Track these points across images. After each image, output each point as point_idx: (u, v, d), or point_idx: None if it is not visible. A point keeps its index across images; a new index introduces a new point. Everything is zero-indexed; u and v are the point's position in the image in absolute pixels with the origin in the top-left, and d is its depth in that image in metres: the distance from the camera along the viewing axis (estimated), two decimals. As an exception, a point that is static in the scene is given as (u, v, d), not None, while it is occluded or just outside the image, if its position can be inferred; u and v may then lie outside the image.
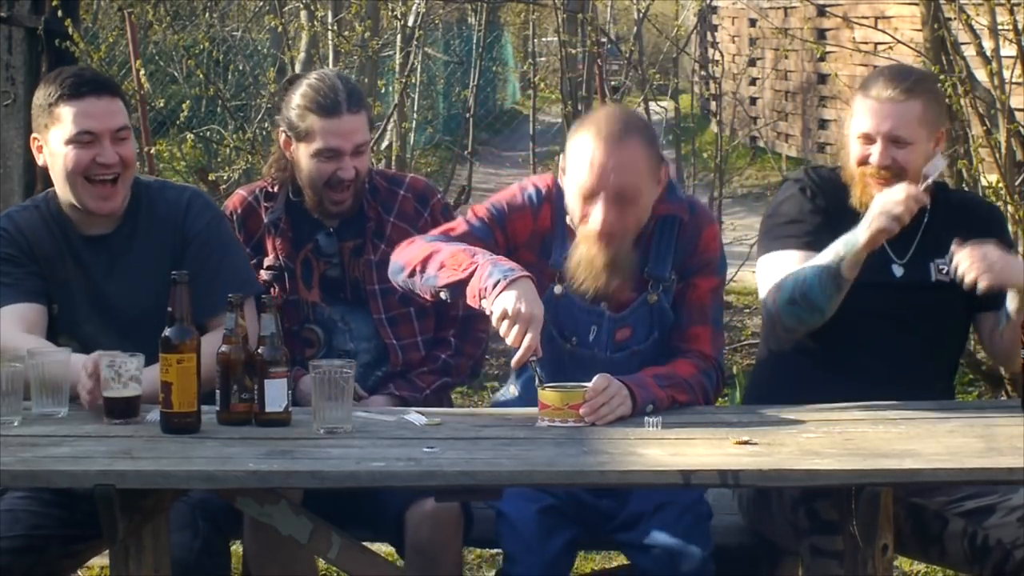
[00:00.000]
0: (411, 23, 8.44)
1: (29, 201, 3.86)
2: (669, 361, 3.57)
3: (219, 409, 3.28)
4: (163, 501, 3.16)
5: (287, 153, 3.91)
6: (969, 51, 6.19)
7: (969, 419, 3.41)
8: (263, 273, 3.90)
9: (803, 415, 3.40)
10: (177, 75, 11.38)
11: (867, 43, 9.03)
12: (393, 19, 8.75)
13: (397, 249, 3.62)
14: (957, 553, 3.42)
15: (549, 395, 3.33)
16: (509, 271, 3.34)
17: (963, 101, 5.88)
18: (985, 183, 5.82)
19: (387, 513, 3.55)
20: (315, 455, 3.07)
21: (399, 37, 8.68)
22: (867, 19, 10.80)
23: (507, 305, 3.29)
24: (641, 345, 3.62)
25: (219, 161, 9.79)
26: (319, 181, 3.84)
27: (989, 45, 5.99)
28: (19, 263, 3.67)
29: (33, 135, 3.71)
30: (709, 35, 11.46)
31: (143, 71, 7.11)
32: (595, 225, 3.48)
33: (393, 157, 8.10)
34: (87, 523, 3.33)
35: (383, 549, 4.09)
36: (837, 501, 3.15)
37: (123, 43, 8.43)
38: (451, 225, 3.65)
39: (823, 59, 10.76)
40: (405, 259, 3.55)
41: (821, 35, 12.10)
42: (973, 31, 5.93)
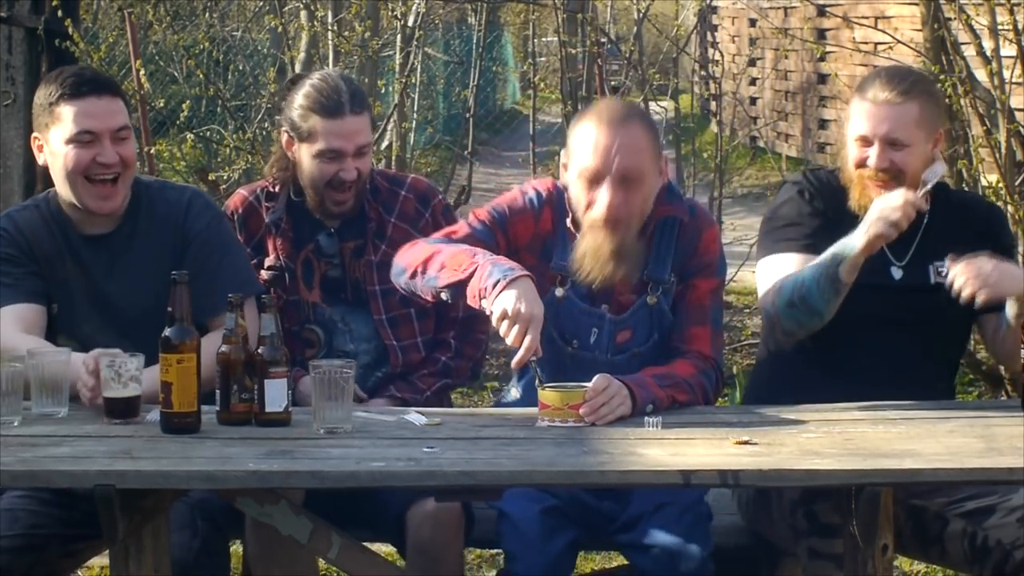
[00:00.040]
0: (411, 23, 8.44)
1: (29, 201, 3.87)
2: (668, 361, 3.57)
3: (219, 409, 3.28)
4: (163, 501, 3.16)
5: (289, 153, 3.91)
6: (969, 51, 6.19)
7: (969, 419, 3.41)
8: (263, 273, 3.90)
9: (803, 415, 3.40)
10: (177, 75, 11.37)
11: (867, 43, 9.03)
12: (393, 19, 8.75)
13: (399, 252, 3.62)
14: (957, 553, 3.42)
15: (549, 395, 3.33)
16: (509, 270, 3.35)
17: (963, 101, 5.88)
18: (985, 183, 5.82)
19: (388, 513, 3.55)
20: (315, 455, 3.07)
21: (399, 37, 8.68)
22: (867, 19, 10.80)
23: (507, 305, 3.29)
24: (641, 347, 3.62)
25: (219, 161, 9.79)
26: (321, 182, 3.84)
27: (989, 45, 5.99)
28: (19, 263, 3.67)
29: (34, 134, 3.71)
30: (709, 35, 11.45)
31: (143, 71, 7.11)
32: (601, 207, 3.50)
33: (393, 157, 8.10)
34: (86, 523, 3.33)
35: (383, 549, 4.09)
36: (837, 501, 3.14)
37: (123, 43, 8.43)
38: (453, 228, 3.66)
39: (823, 59, 10.76)
40: (407, 261, 3.55)
41: (821, 35, 12.10)
42: (973, 31, 5.93)
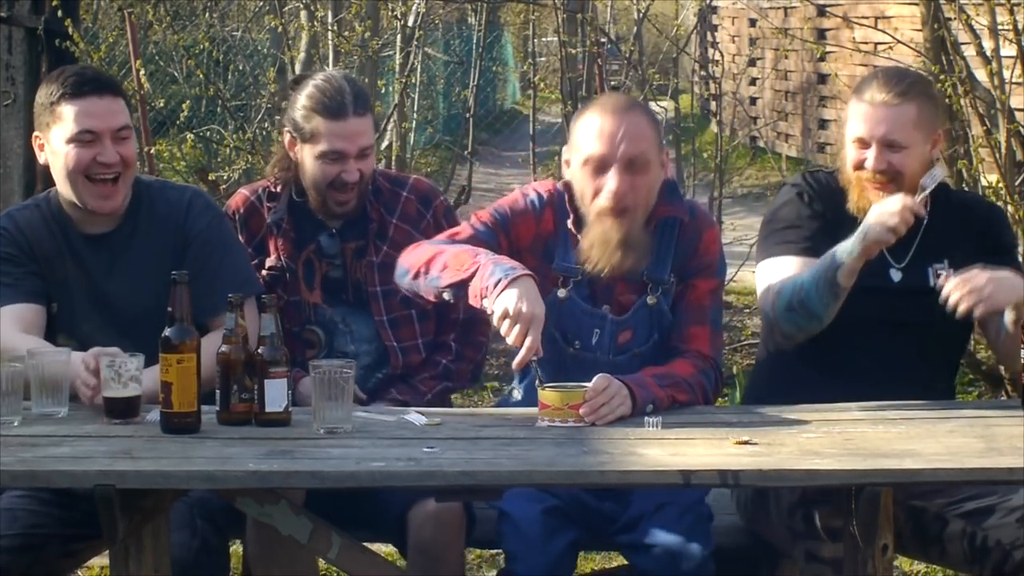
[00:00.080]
0: (411, 23, 8.44)
1: (30, 200, 3.87)
2: (668, 361, 3.57)
3: (219, 409, 3.28)
4: (163, 501, 3.16)
5: (291, 153, 3.90)
6: (969, 51, 6.19)
7: (969, 419, 3.41)
8: (264, 274, 3.90)
9: (803, 415, 3.40)
10: (177, 75, 11.37)
11: (867, 43, 9.03)
12: (393, 19, 8.75)
13: (403, 253, 3.62)
14: (957, 554, 3.42)
15: (549, 395, 3.32)
16: (510, 270, 3.35)
17: (963, 101, 5.88)
18: (985, 183, 5.82)
19: (389, 513, 3.55)
20: (315, 455, 3.07)
21: (399, 37, 8.69)
22: (867, 19, 10.79)
23: (508, 304, 3.29)
24: (642, 347, 3.62)
25: (219, 161, 9.79)
26: (323, 183, 3.84)
27: (989, 45, 5.99)
28: (19, 262, 3.67)
29: (35, 133, 3.72)
30: (709, 35, 11.45)
31: (143, 71, 7.11)
32: (609, 193, 3.51)
33: (393, 157, 8.10)
34: (86, 522, 3.33)
35: (383, 549, 4.09)
36: (837, 502, 3.14)
37: (123, 43, 8.42)
38: (456, 229, 3.66)
39: (823, 59, 10.76)
40: (410, 262, 3.56)
41: (821, 35, 12.10)
42: (973, 31, 5.93)
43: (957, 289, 3.44)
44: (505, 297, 3.30)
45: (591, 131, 3.56)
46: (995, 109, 5.95)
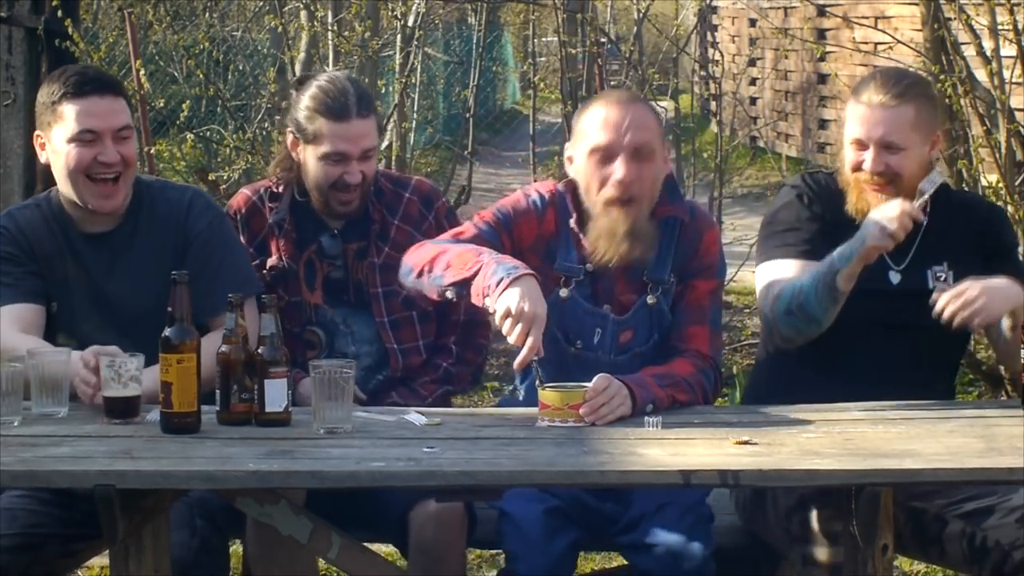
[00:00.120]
0: (411, 23, 8.44)
1: (31, 200, 3.88)
2: (667, 361, 3.57)
3: (219, 409, 3.28)
4: (163, 501, 3.16)
5: (294, 154, 3.90)
6: (969, 51, 6.19)
7: (969, 419, 3.41)
8: (266, 274, 3.89)
9: (803, 415, 3.40)
10: (177, 75, 11.38)
11: (867, 43, 9.03)
12: (393, 19, 8.75)
13: (408, 252, 3.63)
14: (956, 554, 3.42)
15: (549, 395, 3.32)
16: (513, 269, 3.35)
17: (963, 101, 5.88)
18: (985, 183, 5.82)
19: (390, 514, 3.54)
20: (315, 455, 3.07)
21: (399, 37, 8.69)
22: (867, 19, 10.79)
23: (510, 303, 3.29)
24: (643, 347, 3.63)
25: (219, 161, 9.79)
26: (325, 184, 3.83)
27: (989, 45, 5.99)
28: (18, 262, 3.67)
29: (36, 132, 3.72)
30: (709, 35, 11.45)
31: (143, 71, 7.11)
32: (616, 181, 3.52)
33: (393, 157, 8.10)
34: (85, 522, 3.33)
35: (383, 549, 4.09)
36: (836, 502, 3.14)
37: (123, 43, 8.42)
38: (460, 229, 3.67)
39: (823, 59, 10.76)
40: (414, 261, 3.56)
41: (821, 35, 12.10)
42: (973, 31, 5.93)
43: (950, 303, 3.44)
44: (507, 296, 3.30)
45: (597, 121, 3.58)
46: (995, 109, 5.95)
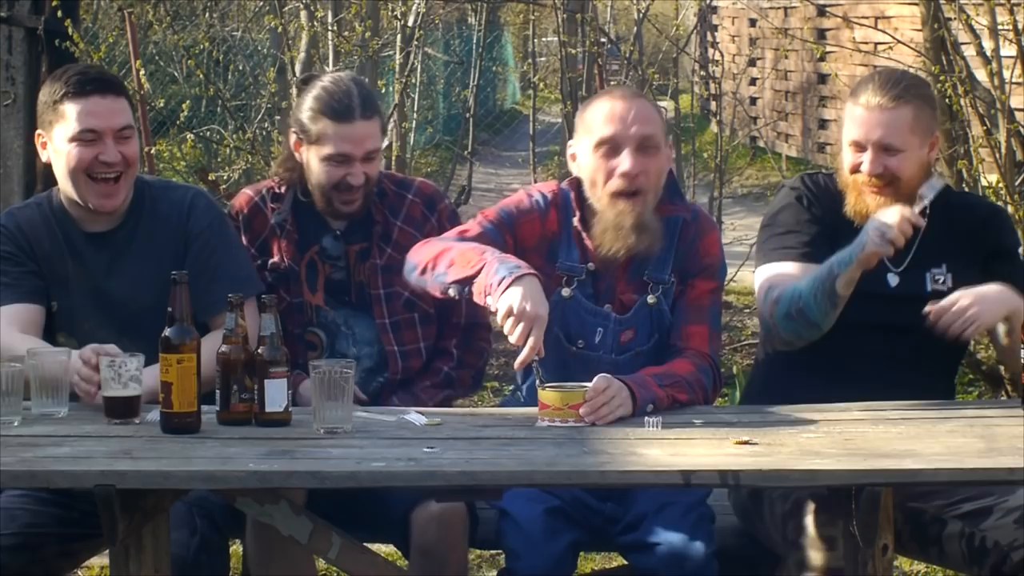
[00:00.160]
0: (411, 23, 8.44)
1: (32, 199, 3.88)
2: (667, 360, 3.57)
3: (219, 409, 3.28)
4: (163, 501, 3.16)
5: (297, 154, 3.89)
6: (969, 51, 6.19)
7: (969, 419, 3.41)
8: (267, 275, 3.88)
9: (803, 415, 3.40)
10: (177, 75, 11.39)
11: (867, 43, 9.04)
12: (393, 19, 8.75)
13: (412, 249, 3.63)
14: (955, 554, 3.42)
15: (549, 395, 3.32)
16: (515, 268, 3.35)
17: (963, 101, 5.88)
18: (985, 183, 5.82)
19: (391, 515, 3.54)
20: (315, 455, 3.07)
21: (399, 37, 8.68)
22: (867, 19, 10.80)
23: (512, 302, 3.29)
24: (644, 347, 3.63)
25: (219, 161, 9.81)
26: (328, 185, 3.82)
27: (989, 45, 5.99)
28: (18, 262, 3.67)
29: (38, 131, 3.72)
30: (709, 35, 11.46)
31: (143, 71, 7.12)
32: (623, 173, 3.54)
33: (393, 157, 8.09)
34: (84, 522, 3.34)
35: (383, 549, 4.09)
36: (836, 502, 3.14)
37: (123, 43, 8.43)
38: (465, 227, 3.67)
39: (823, 59, 10.76)
40: (418, 258, 3.57)
41: (821, 35, 12.11)
42: (973, 31, 5.93)
43: (946, 320, 3.45)
44: (509, 295, 3.30)
45: (602, 115, 3.59)
46: (995, 109, 5.95)
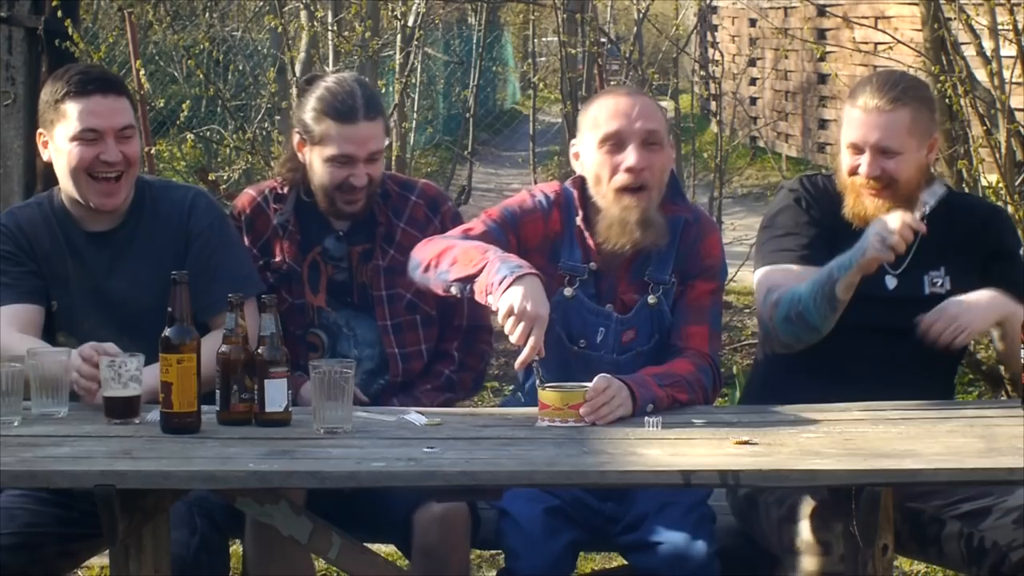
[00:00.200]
0: (411, 23, 8.44)
1: (32, 199, 3.88)
2: (667, 360, 3.57)
3: (219, 409, 3.28)
4: (163, 501, 3.16)
5: (300, 155, 3.88)
6: (969, 51, 6.19)
7: (969, 419, 3.41)
8: (269, 276, 3.87)
9: (803, 415, 3.40)
10: (177, 75, 11.39)
11: (867, 43, 9.04)
12: (393, 19, 8.75)
13: (417, 247, 3.63)
14: (954, 554, 3.42)
15: (549, 395, 3.32)
16: (516, 267, 3.35)
17: (963, 101, 5.88)
18: (985, 183, 5.82)
19: (392, 515, 3.53)
20: (315, 455, 3.07)
21: (399, 37, 8.69)
22: (867, 19, 10.80)
23: (513, 302, 3.29)
24: (644, 347, 3.63)
25: (219, 161, 9.81)
26: (331, 186, 3.81)
27: (989, 45, 5.99)
28: (18, 261, 3.67)
29: (39, 130, 3.72)
30: (709, 35, 11.46)
31: (143, 71, 7.12)
32: (628, 168, 3.54)
33: (393, 157, 8.10)
34: (84, 522, 3.34)
35: (384, 550, 4.09)
36: (835, 504, 3.14)
37: (123, 43, 8.43)
38: (469, 225, 3.67)
39: (823, 59, 10.77)
40: (422, 255, 3.57)
41: (821, 35, 12.11)
42: (973, 31, 5.93)
43: (936, 329, 3.46)
44: (510, 294, 3.30)
45: (606, 111, 3.61)
46: (995, 109, 5.95)
